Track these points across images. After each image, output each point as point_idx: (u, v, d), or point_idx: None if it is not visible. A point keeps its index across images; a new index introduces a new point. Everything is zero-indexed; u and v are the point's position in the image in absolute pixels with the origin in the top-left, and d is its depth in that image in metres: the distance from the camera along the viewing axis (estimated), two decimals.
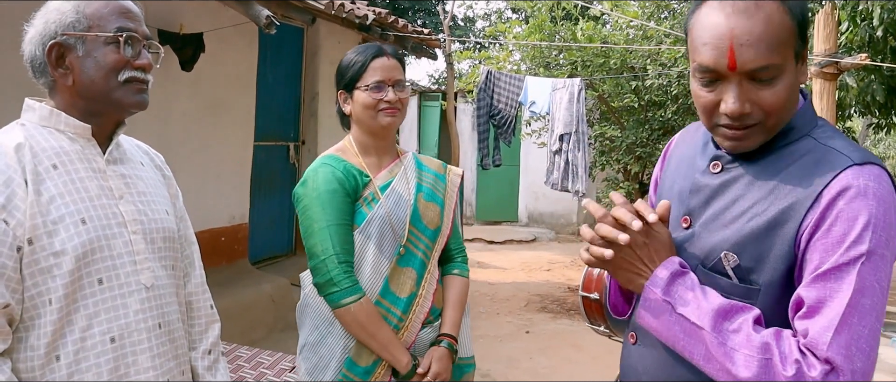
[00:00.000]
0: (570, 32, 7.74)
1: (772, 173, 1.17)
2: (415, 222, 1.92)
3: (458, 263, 2.09)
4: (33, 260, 1.27)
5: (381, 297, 1.87)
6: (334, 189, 1.84)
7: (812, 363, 1.05)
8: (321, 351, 1.88)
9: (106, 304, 1.34)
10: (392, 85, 1.91)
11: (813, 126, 1.20)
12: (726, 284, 1.17)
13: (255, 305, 5.01)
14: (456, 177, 2.11)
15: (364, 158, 1.95)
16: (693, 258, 1.22)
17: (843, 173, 1.10)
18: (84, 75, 1.35)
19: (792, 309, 1.12)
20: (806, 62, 1.17)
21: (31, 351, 1.28)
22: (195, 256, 1.64)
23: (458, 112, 11.05)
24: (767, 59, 1.10)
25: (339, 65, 1.98)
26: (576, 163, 6.64)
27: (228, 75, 5.34)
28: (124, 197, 1.42)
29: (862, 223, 1.06)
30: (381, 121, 1.91)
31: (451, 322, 1.99)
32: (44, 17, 1.37)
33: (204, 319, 1.62)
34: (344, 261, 1.81)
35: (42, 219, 1.27)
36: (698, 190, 1.25)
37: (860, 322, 1.05)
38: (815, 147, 1.16)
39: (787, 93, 1.13)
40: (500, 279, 8.08)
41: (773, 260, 1.13)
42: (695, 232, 1.23)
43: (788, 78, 1.12)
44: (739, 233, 1.16)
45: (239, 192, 5.59)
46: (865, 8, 3.69)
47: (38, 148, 1.33)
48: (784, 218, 1.12)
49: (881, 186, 1.09)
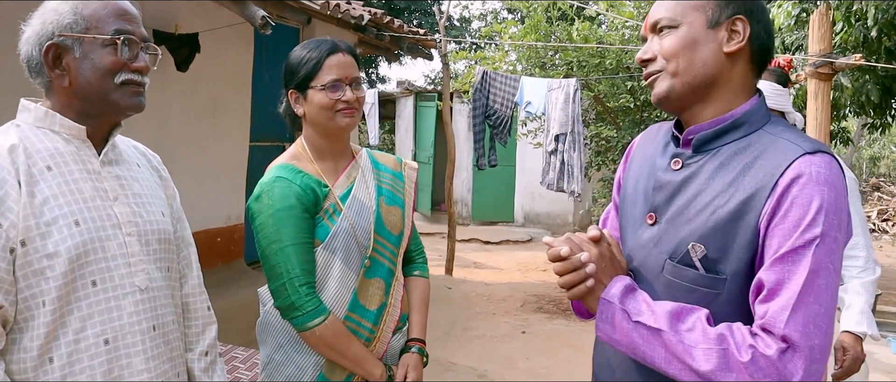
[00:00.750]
0: (565, 33, 7.75)
1: (730, 166, 1.23)
2: (379, 230, 1.83)
3: (419, 264, 2.03)
4: (26, 261, 1.26)
5: (350, 312, 1.78)
6: (291, 205, 1.72)
7: (768, 342, 1.11)
8: (289, 369, 1.80)
9: (100, 306, 1.33)
10: (349, 83, 1.78)
11: (766, 121, 1.27)
12: (694, 275, 1.23)
13: (251, 306, 4.97)
14: (412, 172, 2.02)
15: (319, 164, 1.82)
16: (661, 252, 1.28)
17: (796, 161, 1.17)
18: (81, 77, 1.35)
19: (752, 294, 1.17)
20: (733, 32, 1.26)
21: (24, 353, 1.28)
22: (192, 258, 1.63)
23: (454, 112, 11.05)
24: (663, 14, 1.28)
25: (287, 61, 1.83)
26: (572, 164, 6.65)
27: (224, 75, 5.33)
28: (119, 199, 1.41)
29: (815, 207, 1.13)
30: (339, 122, 1.78)
31: (418, 325, 1.94)
32: (41, 18, 1.36)
33: (201, 321, 1.62)
34: (305, 283, 1.70)
35: (35, 221, 1.27)
36: (661, 187, 1.31)
37: (816, 301, 1.11)
38: (768, 139, 1.23)
39: (682, 44, 1.26)
40: (497, 279, 8.08)
41: (738, 249, 1.19)
42: (661, 228, 1.29)
43: (688, 32, 1.26)
44: (704, 226, 1.22)
45: (235, 193, 5.58)
46: (860, 8, 3.70)
47: (33, 149, 1.32)
48: (745, 209, 1.18)
49: (831, 172, 1.16)
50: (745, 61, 1.28)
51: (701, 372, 1.13)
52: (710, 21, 1.26)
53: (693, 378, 1.14)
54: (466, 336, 5.73)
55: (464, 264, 8.73)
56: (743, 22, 1.26)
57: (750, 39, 1.26)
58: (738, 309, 1.20)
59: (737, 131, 1.26)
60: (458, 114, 11.48)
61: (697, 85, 1.27)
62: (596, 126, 8.43)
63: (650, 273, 1.30)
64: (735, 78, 1.27)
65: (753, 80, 1.31)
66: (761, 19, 1.28)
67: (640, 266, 1.33)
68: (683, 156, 1.31)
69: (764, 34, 1.28)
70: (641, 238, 1.33)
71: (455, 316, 6.21)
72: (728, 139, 1.26)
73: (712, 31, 1.26)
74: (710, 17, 1.26)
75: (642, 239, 1.32)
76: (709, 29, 1.26)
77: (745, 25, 1.26)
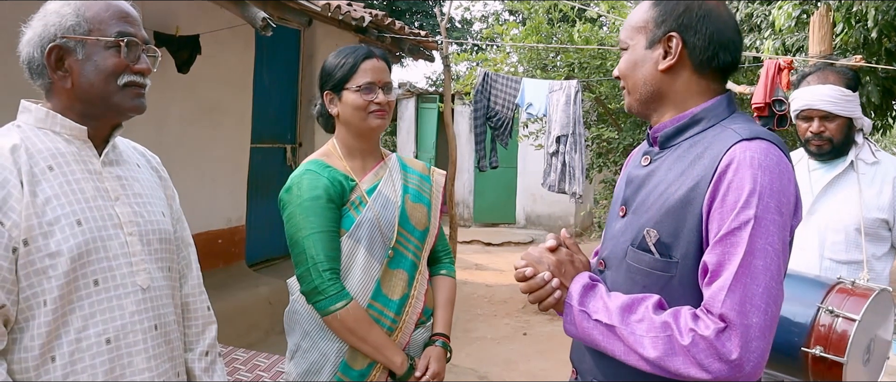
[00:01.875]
0: (567, 34, 7.75)
1: (684, 158, 1.33)
2: (403, 223, 1.91)
3: (446, 264, 2.11)
4: (29, 261, 1.27)
5: (373, 300, 1.86)
6: (318, 195, 1.82)
7: (707, 323, 1.18)
8: (313, 356, 1.88)
9: (101, 305, 1.34)
10: (382, 87, 1.90)
11: (725, 117, 1.36)
12: (649, 260, 1.32)
13: (251, 307, 5.01)
14: (440, 178, 2.12)
15: (349, 162, 1.93)
16: (626, 240, 1.37)
17: (732, 148, 1.25)
18: (83, 78, 1.36)
19: (701, 276, 1.24)
20: (666, 49, 1.36)
21: (26, 352, 1.28)
22: (192, 258, 1.64)
23: (456, 114, 11.05)
24: (622, 36, 1.44)
25: (324, 65, 1.95)
26: (573, 165, 6.64)
27: (225, 77, 5.34)
28: (120, 199, 1.42)
29: (747, 190, 1.20)
30: (371, 122, 1.89)
31: (443, 321, 2.02)
32: (43, 20, 1.37)
33: (201, 321, 1.62)
34: (329, 269, 1.80)
35: (37, 220, 1.27)
36: (631, 181, 1.43)
37: (753, 281, 1.17)
38: (718, 132, 1.32)
39: (627, 64, 1.41)
40: (498, 281, 8.08)
41: (687, 233, 1.27)
42: (628, 219, 1.40)
43: (632, 54, 1.40)
44: (658, 212, 1.31)
45: (236, 195, 5.58)
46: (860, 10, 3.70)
47: (34, 149, 1.33)
48: (692, 195, 1.27)
49: (767, 157, 1.22)
50: (688, 71, 1.37)
51: (651, 360, 1.21)
52: (648, 41, 1.39)
53: (646, 367, 1.22)
54: (467, 337, 5.73)
55: (465, 265, 8.73)
56: (676, 38, 1.35)
57: (687, 52, 1.35)
58: (691, 292, 1.27)
59: (695, 126, 1.36)
60: (460, 116, 11.48)
61: (644, 99, 1.41)
62: (597, 128, 8.43)
63: (616, 260, 1.40)
64: (679, 88, 1.38)
65: (708, 84, 1.38)
66: (699, 30, 1.35)
67: (610, 255, 1.43)
68: (652, 153, 1.42)
69: (704, 43, 1.35)
70: (614, 229, 1.44)
71: (456, 318, 6.21)
72: (687, 134, 1.37)
73: (650, 51, 1.38)
74: (648, 37, 1.39)
75: (614, 230, 1.43)
76: (647, 49, 1.39)
77: (678, 41, 1.35)
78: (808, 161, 2.54)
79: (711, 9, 1.37)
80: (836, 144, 2.41)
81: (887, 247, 2.40)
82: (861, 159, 2.42)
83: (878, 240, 2.38)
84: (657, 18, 1.38)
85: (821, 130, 2.40)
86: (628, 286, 1.36)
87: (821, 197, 2.44)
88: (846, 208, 2.38)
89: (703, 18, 1.36)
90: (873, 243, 2.37)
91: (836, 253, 2.37)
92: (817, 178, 2.47)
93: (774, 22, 4.38)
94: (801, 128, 2.50)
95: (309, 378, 1.87)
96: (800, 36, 4.49)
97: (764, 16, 5.03)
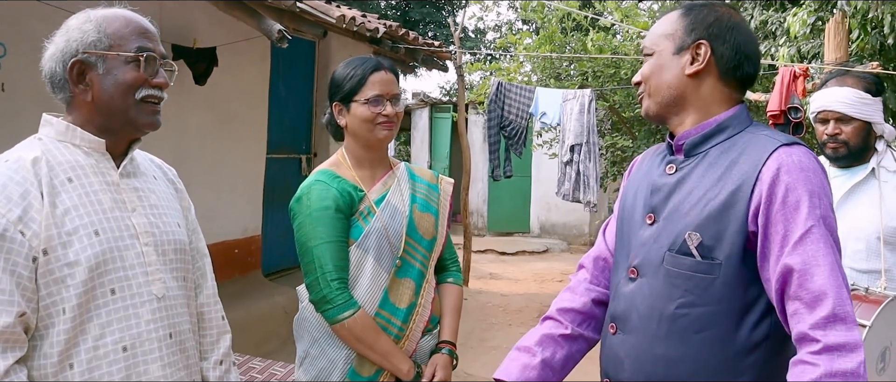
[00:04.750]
0: (580, 43, 7.75)
1: (717, 165, 1.39)
2: (411, 233, 1.93)
3: (452, 272, 2.13)
4: (48, 270, 1.30)
5: (381, 308, 1.88)
6: (327, 206, 1.85)
7: (815, 338, 1.23)
8: (322, 363, 1.90)
9: (118, 314, 1.37)
10: (390, 99, 1.91)
11: (748, 124, 1.43)
12: (691, 263, 1.36)
13: (268, 317, 5.04)
14: (448, 186, 2.13)
15: (357, 171, 1.95)
16: (661, 246, 1.41)
17: (776, 152, 1.32)
18: (104, 92, 1.39)
19: (779, 280, 1.28)
20: (695, 55, 1.44)
21: (44, 359, 1.31)
22: (207, 268, 1.67)
23: (469, 123, 11.07)
24: (647, 42, 1.50)
25: (332, 76, 1.97)
26: (587, 174, 6.63)
27: (241, 89, 5.40)
28: (137, 210, 1.45)
29: (808, 192, 1.28)
30: (378, 134, 1.91)
31: (449, 329, 2.03)
32: (65, 35, 1.40)
33: (215, 330, 1.65)
34: (337, 279, 1.82)
35: (57, 231, 1.31)
36: (658, 189, 1.46)
37: (840, 273, 1.26)
38: (749, 138, 1.39)
39: (652, 69, 1.47)
40: (513, 290, 8.06)
41: (730, 235, 1.32)
42: (660, 226, 1.43)
43: (658, 59, 1.47)
44: (699, 217, 1.36)
45: (252, 205, 5.63)
46: (875, 16, 3.67)
47: (55, 162, 1.36)
48: (734, 199, 1.33)
49: (811, 161, 1.32)
50: (713, 78, 1.44)
51: None
52: (676, 47, 1.45)
53: None
54: (483, 346, 5.72)
55: (479, 275, 8.71)
56: (705, 46, 1.42)
57: (715, 60, 1.42)
58: (732, 292, 1.33)
59: (721, 134, 1.42)
60: (474, 126, 11.50)
61: (666, 103, 1.46)
62: (611, 136, 8.41)
63: (650, 266, 1.43)
64: (704, 94, 1.44)
65: (730, 93, 1.45)
66: (727, 40, 1.43)
67: (642, 262, 1.45)
68: (677, 161, 1.47)
69: (731, 53, 1.43)
70: (642, 236, 1.46)
71: (471, 327, 6.20)
72: (714, 142, 1.42)
73: (677, 57, 1.45)
74: (677, 44, 1.45)
75: (643, 237, 1.46)
76: (674, 55, 1.45)
77: (707, 49, 1.42)
78: (829, 168, 2.51)
79: (739, 22, 1.45)
80: (852, 148, 2.38)
81: None
82: (883, 167, 2.38)
83: None
84: (687, 27, 1.44)
85: (836, 132, 2.38)
86: (668, 290, 1.39)
87: (841, 205, 2.39)
88: (867, 216, 2.34)
89: (731, 29, 1.44)
90: (895, 252, 2.34)
91: (856, 262, 2.33)
92: (838, 186, 2.43)
93: (789, 29, 4.36)
94: (818, 131, 2.47)
95: None
96: (815, 43, 4.46)
97: (779, 23, 5.00)
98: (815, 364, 1.20)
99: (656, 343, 1.40)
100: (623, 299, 1.49)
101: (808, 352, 1.22)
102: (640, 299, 1.44)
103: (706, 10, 1.45)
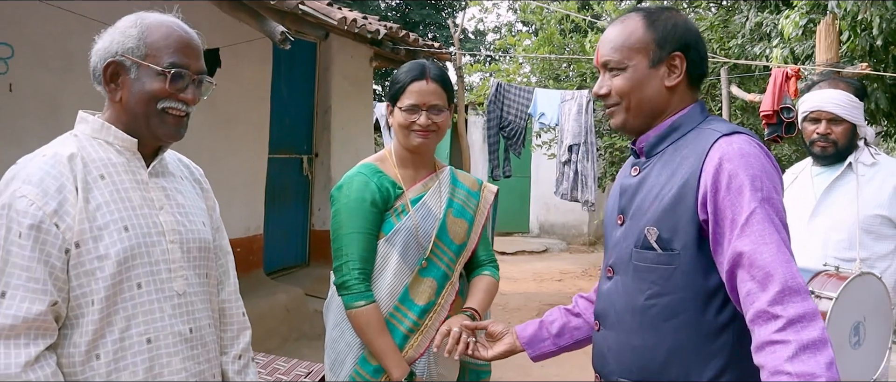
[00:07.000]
0: (578, 45, 7.82)
1: (671, 162, 1.45)
2: (441, 236, 2.00)
3: (489, 267, 2.16)
4: (79, 262, 1.37)
5: (400, 303, 1.95)
6: (363, 198, 1.94)
7: (776, 315, 1.26)
8: (340, 346, 1.99)
9: (144, 307, 1.43)
10: (426, 109, 1.96)
11: (701, 120, 1.48)
12: (653, 256, 1.44)
13: (269, 315, 5.09)
14: (490, 195, 2.18)
15: (401, 169, 2.03)
16: (629, 244, 1.48)
17: (717, 143, 1.38)
18: (130, 96, 1.45)
19: (730, 263, 1.33)
20: (672, 67, 1.47)
21: (73, 348, 1.38)
22: (230, 266, 1.73)
23: (469, 124, 11.13)
24: (611, 56, 1.49)
25: (393, 75, 2.06)
26: (585, 174, 6.70)
27: (243, 89, 5.45)
28: (164, 209, 1.51)
29: (749, 176, 1.32)
30: (412, 140, 1.99)
31: (478, 301, 2.04)
32: (111, 35, 1.47)
33: (236, 326, 1.71)
34: (359, 268, 1.91)
35: (89, 225, 1.37)
36: (625, 191, 1.54)
37: (787, 251, 1.30)
38: (697, 133, 1.45)
39: (631, 84, 1.47)
40: (512, 289, 8.12)
41: (684, 226, 1.39)
42: (628, 225, 1.50)
43: (634, 74, 1.47)
44: (657, 213, 1.43)
45: (254, 204, 5.69)
46: (865, 18, 3.74)
47: (89, 158, 1.43)
48: (683, 192, 1.39)
49: (750, 147, 1.36)
50: (684, 85, 1.49)
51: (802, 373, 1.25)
52: (651, 61, 1.46)
53: None
54: None
55: None
56: (680, 58, 1.46)
57: (687, 67, 1.47)
58: (693, 279, 1.40)
59: (675, 133, 1.48)
60: (473, 126, 11.56)
61: (648, 115, 1.50)
62: (610, 136, 8.47)
63: (622, 264, 1.51)
64: (676, 100, 1.49)
65: (691, 95, 1.51)
66: (695, 47, 1.48)
67: (616, 261, 1.53)
68: (640, 163, 1.54)
69: (698, 59, 1.49)
70: (615, 237, 1.54)
71: None
72: (668, 141, 1.49)
73: (654, 70, 1.47)
74: (652, 58, 1.46)
75: (615, 237, 1.54)
76: (651, 68, 1.47)
77: (682, 60, 1.46)
78: (811, 167, 2.61)
79: (693, 25, 1.50)
80: (840, 148, 2.49)
81: (892, 245, 2.45)
82: (860, 162, 2.50)
83: (882, 238, 2.43)
84: (658, 39, 1.46)
85: (827, 132, 2.48)
86: (637, 284, 1.47)
87: (823, 200, 2.51)
88: (847, 207, 2.45)
89: (696, 36, 1.49)
90: (877, 241, 2.43)
91: (839, 252, 2.43)
92: (820, 183, 2.55)
93: (782, 31, 4.43)
94: (807, 130, 2.56)
95: (336, 367, 1.99)
96: (807, 44, 4.53)
97: (773, 25, 5.07)
98: (786, 341, 1.22)
99: (632, 335, 1.47)
100: (603, 297, 1.58)
101: (773, 331, 1.24)
102: (616, 296, 1.52)
103: (671, 20, 1.48)
